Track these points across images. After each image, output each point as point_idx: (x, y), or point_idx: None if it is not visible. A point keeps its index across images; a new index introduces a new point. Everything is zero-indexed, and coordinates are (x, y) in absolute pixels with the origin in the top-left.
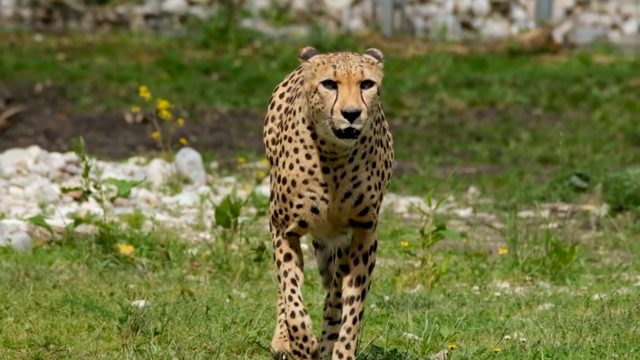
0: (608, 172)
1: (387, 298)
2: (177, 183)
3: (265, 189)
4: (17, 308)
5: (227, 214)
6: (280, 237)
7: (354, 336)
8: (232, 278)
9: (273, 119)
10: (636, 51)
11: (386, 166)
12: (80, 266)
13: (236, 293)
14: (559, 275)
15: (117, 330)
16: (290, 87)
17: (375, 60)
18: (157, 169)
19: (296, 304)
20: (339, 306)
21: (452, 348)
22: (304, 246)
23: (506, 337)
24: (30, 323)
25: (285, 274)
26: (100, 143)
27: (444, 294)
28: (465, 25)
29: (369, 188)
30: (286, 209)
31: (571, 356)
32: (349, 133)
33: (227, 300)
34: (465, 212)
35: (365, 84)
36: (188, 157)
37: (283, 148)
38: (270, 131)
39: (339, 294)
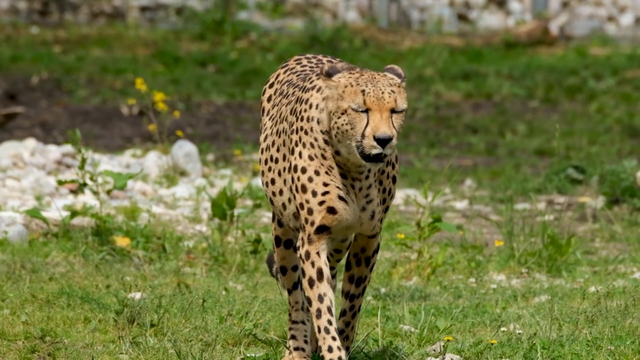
0: (604, 164)
1: (383, 290)
2: (173, 175)
3: (260, 181)
4: (13, 300)
5: (223, 206)
6: (307, 245)
7: (352, 328)
8: (229, 270)
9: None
10: (632, 43)
11: (393, 182)
12: (77, 258)
13: (232, 285)
14: (555, 267)
15: (113, 322)
16: (275, 89)
17: (400, 82)
18: (153, 161)
19: (334, 338)
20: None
21: (448, 340)
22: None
23: (502, 329)
24: (26, 315)
25: (321, 299)
26: (97, 135)
27: (440, 286)
28: (462, 17)
29: (377, 204)
30: (308, 201)
31: (567, 348)
32: (377, 157)
33: (223, 293)
34: (461, 205)
35: (395, 111)
36: (184, 150)
37: (300, 139)
38: (265, 139)
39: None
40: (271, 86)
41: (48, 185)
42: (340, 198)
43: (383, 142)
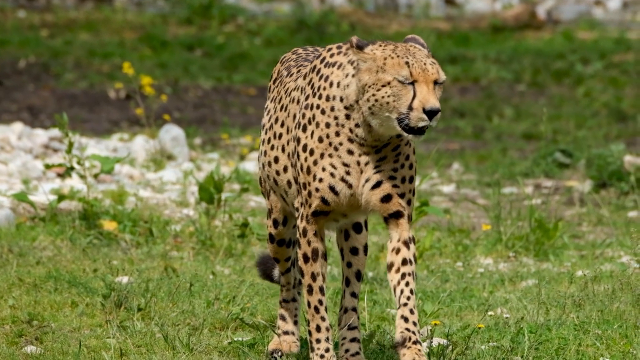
0: (591, 148)
1: (370, 274)
2: (160, 159)
3: (248, 165)
4: (1, 284)
5: (210, 190)
6: (305, 222)
7: (414, 305)
8: (216, 254)
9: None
10: (620, 27)
11: (410, 168)
12: (64, 242)
13: (220, 269)
14: (543, 251)
15: (101, 306)
16: (276, 80)
17: (428, 52)
18: (140, 145)
19: (323, 319)
20: (355, 309)
21: (435, 324)
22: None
23: (490, 313)
24: (13, 299)
25: (314, 277)
26: (84, 119)
27: (428, 270)
28: (449, 2)
29: (392, 178)
30: (309, 183)
31: (555, 332)
32: (421, 130)
33: (211, 277)
34: (448, 188)
35: (437, 83)
36: (171, 133)
37: (314, 117)
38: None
39: (353, 294)
40: (274, 81)
41: (35, 169)
42: (331, 188)
43: (431, 114)
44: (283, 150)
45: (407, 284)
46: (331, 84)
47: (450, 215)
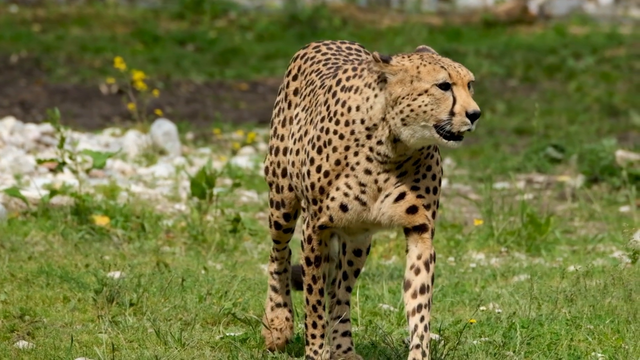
0: (583, 143)
1: (362, 269)
2: (152, 154)
3: (240, 160)
4: None
5: (202, 185)
6: (310, 230)
7: (427, 344)
8: (208, 249)
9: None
10: (611, 22)
11: (441, 172)
12: (56, 237)
13: (211, 264)
14: (535, 246)
15: (93, 301)
16: (295, 76)
17: None
18: (132, 140)
19: (320, 317)
20: (349, 303)
21: None
22: None
23: (481, 308)
24: (5, 294)
25: (314, 280)
26: (76, 114)
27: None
28: None
29: (416, 188)
30: (321, 201)
31: (547, 327)
32: (460, 136)
33: (203, 272)
34: None
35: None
36: (163, 128)
37: (330, 141)
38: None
39: (348, 288)
40: (293, 78)
41: (27, 164)
42: (342, 207)
43: (474, 117)
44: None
45: (422, 319)
46: (349, 109)
47: (442, 210)
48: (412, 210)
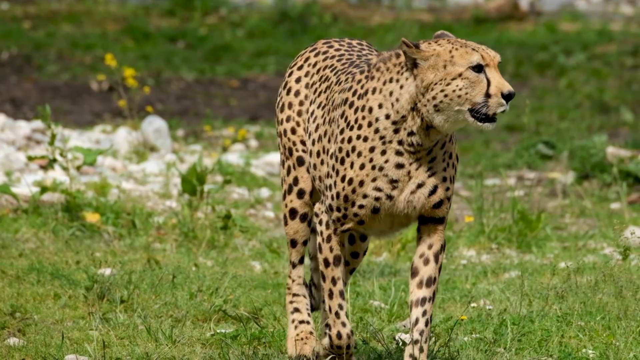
0: (574, 140)
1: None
2: (143, 151)
3: (231, 157)
4: None
5: (193, 182)
6: (331, 231)
7: (426, 339)
8: (198, 246)
9: (290, 105)
10: (602, 19)
11: (457, 160)
12: (47, 234)
13: (202, 261)
14: (525, 243)
15: (83, 298)
16: (307, 72)
17: None
18: (123, 137)
19: (344, 324)
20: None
21: None
22: (270, 214)
23: (472, 305)
24: None
25: (334, 282)
26: (66, 111)
27: (410, 261)
28: None
29: (444, 179)
30: (346, 209)
31: (537, 324)
32: (494, 117)
33: (193, 269)
34: None
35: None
36: (154, 125)
37: (354, 148)
38: (288, 119)
39: (344, 283)
40: (300, 68)
41: (18, 161)
42: (374, 210)
43: (509, 97)
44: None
45: (424, 313)
46: (371, 110)
47: None
48: (438, 204)
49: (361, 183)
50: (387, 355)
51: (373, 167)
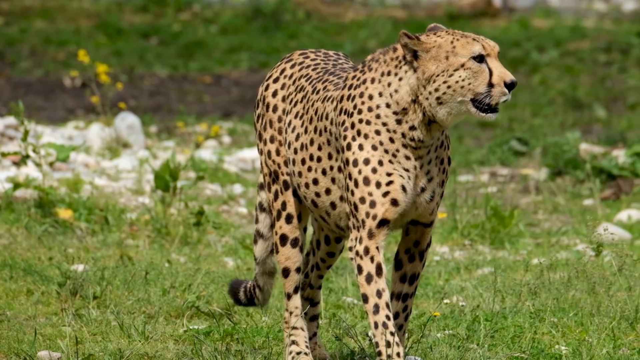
0: (547, 136)
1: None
2: (116, 147)
3: (204, 153)
4: None
5: (166, 178)
6: (367, 240)
7: (404, 332)
8: (171, 242)
9: (271, 123)
10: (575, 15)
11: (449, 163)
12: (19, 230)
13: (175, 257)
14: (498, 239)
15: (56, 294)
16: (283, 84)
17: None
18: (96, 133)
19: (392, 334)
20: (320, 287)
21: None
22: (243, 210)
23: (445, 301)
24: None
25: (379, 294)
26: (39, 107)
27: (384, 257)
28: None
29: (441, 185)
30: (371, 193)
31: (510, 320)
32: (495, 107)
33: (166, 265)
34: None
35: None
36: (127, 121)
37: (359, 132)
38: (272, 139)
39: (320, 276)
40: (276, 81)
41: None
42: (403, 188)
43: (511, 87)
44: (324, 173)
45: (404, 309)
46: (370, 97)
47: None
48: (433, 211)
49: (380, 162)
50: (360, 351)
51: (386, 151)
